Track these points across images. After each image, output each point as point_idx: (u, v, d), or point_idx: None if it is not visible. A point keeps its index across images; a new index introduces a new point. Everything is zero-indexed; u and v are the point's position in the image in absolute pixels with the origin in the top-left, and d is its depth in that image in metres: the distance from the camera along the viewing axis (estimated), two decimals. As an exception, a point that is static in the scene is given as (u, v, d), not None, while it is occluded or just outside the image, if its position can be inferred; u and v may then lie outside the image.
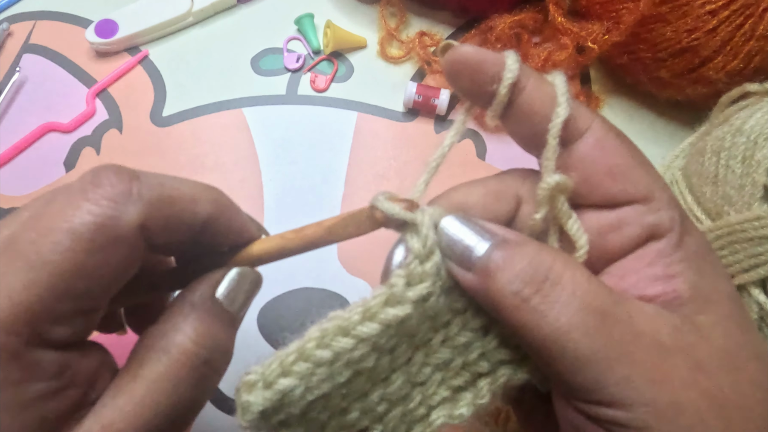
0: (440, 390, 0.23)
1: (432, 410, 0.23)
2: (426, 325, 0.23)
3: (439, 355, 0.23)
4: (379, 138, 0.44)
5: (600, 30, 0.41)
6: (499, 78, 0.21)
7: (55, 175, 0.43)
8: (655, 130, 0.46)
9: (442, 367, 0.23)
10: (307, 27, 0.47)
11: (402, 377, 0.23)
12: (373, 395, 0.23)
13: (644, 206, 0.21)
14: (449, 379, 0.23)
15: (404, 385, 0.23)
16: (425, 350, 0.23)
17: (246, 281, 0.22)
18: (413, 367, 0.23)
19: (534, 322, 0.18)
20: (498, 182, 0.23)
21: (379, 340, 0.21)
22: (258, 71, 0.47)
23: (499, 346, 0.23)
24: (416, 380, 0.23)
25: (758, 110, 0.36)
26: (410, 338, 0.23)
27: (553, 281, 0.18)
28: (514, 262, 0.19)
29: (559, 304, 0.18)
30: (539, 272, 0.19)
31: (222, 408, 0.36)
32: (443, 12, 0.49)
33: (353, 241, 0.43)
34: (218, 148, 0.44)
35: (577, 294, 0.18)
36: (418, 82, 0.45)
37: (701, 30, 0.38)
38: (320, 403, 0.21)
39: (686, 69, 0.40)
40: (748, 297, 0.32)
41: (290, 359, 0.20)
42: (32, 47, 0.47)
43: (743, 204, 0.33)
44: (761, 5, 0.37)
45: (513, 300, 0.19)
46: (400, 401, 0.23)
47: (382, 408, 0.23)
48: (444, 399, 0.23)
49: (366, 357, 0.21)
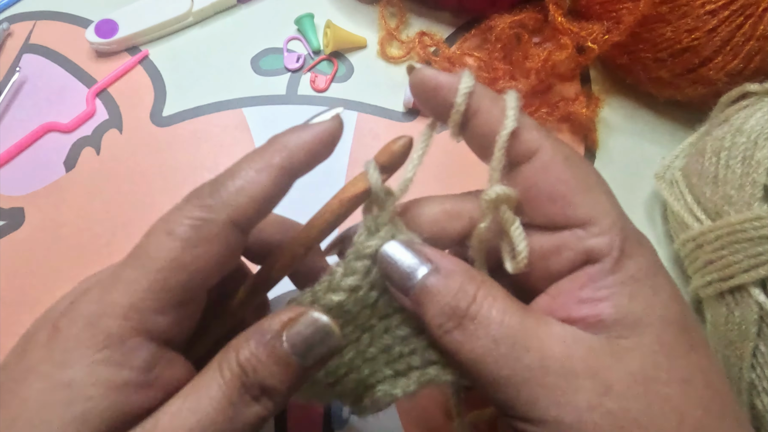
0: (385, 369, 0.26)
1: (378, 383, 0.26)
2: (367, 312, 0.25)
3: (382, 340, 0.25)
4: (379, 138, 0.44)
5: (600, 30, 0.41)
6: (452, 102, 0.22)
7: (55, 175, 0.43)
8: (655, 130, 0.46)
9: (386, 350, 0.26)
10: (307, 27, 0.47)
11: (353, 351, 0.25)
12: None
13: (583, 231, 0.22)
14: (392, 362, 0.26)
15: (356, 357, 0.26)
16: (371, 333, 0.25)
17: (318, 334, 0.21)
18: (362, 344, 0.25)
19: (455, 349, 0.21)
20: (455, 201, 0.25)
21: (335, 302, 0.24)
22: (258, 71, 0.47)
23: (429, 347, 0.24)
24: (365, 356, 0.26)
25: (758, 110, 0.36)
26: (354, 320, 0.25)
27: (470, 316, 0.21)
28: (440, 295, 0.21)
29: (474, 336, 0.20)
30: (460, 307, 0.21)
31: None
32: (443, 12, 0.49)
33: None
34: (218, 148, 0.44)
35: (491, 326, 0.20)
36: (418, 82, 0.45)
37: (701, 30, 0.38)
38: None
39: (686, 69, 0.40)
40: (748, 297, 0.32)
41: None
42: (32, 47, 0.47)
43: (743, 204, 0.33)
44: (761, 5, 0.37)
45: (438, 330, 0.21)
46: (354, 370, 0.26)
47: (342, 371, 0.25)
48: (386, 377, 0.26)
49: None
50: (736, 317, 0.33)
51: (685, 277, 0.39)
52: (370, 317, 0.25)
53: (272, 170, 0.22)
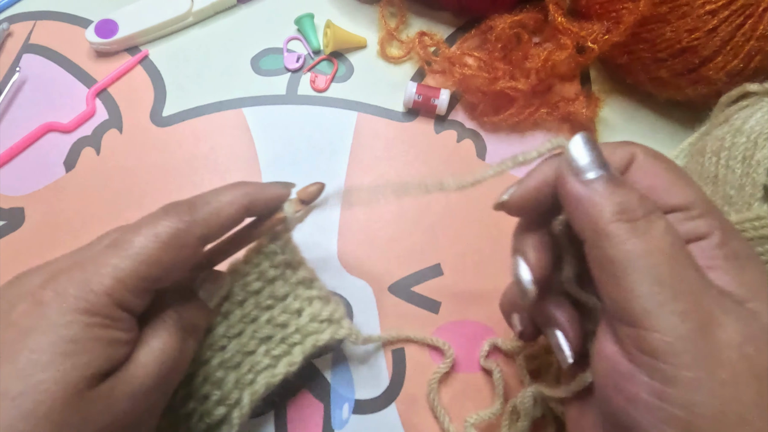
0: (264, 359, 0.32)
1: (258, 375, 0.32)
2: (252, 301, 0.32)
3: (264, 331, 0.32)
4: (379, 138, 0.44)
5: (600, 30, 0.41)
6: None
7: (55, 175, 0.43)
8: (655, 130, 0.46)
9: (266, 340, 0.32)
10: (307, 27, 0.47)
11: (235, 347, 0.32)
12: (213, 362, 0.31)
13: (683, 214, 0.23)
14: (271, 350, 0.32)
15: (237, 354, 0.32)
16: (254, 326, 0.32)
17: (217, 282, 0.31)
18: (244, 338, 0.32)
19: (623, 239, 0.21)
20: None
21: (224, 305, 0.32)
22: (258, 71, 0.47)
23: (310, 321, 0.33)
24: (246, 350, 0.32)
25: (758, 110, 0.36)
26: (241, 309, 0.32)
27: (647, 219, 0.22)
28: (624, 190, 0.22)
29: (647, 235, 0.21)
30: (645, 206, 0.22)
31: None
32: (443, 12, 0.49)
33: (353, 241, 0.43)
34: (218, 148, 0.44)
35: (663, 237, 0.21)
36: (418, 82, 0.45)
37: (701, 30, 0.38)
38: None
39: (686, 69, 0.40)
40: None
41: None
42: (32, 47, 0.48)
43: (743, 204, 0.33)
44: (761, 5, 0.37)
45: (612, 216, 0.22)
46: (233, 368, 0.32)
47: (221, 374, 0.31)
48: (267, 365, 0.32)
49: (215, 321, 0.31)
50: (736, 317, 0.33)
51: (685, 277, 0.39)
52: (253, 307, 0.32)
53: (239, 206, 0.28)
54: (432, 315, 0.39)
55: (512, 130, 0.45)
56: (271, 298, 0.33)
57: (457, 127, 0.45)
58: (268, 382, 0.32)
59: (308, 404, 0.36)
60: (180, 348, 0.27)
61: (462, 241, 0.41)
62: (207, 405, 0.31)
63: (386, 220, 0.41)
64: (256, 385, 0.32)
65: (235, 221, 0.29)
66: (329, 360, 0.37)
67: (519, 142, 0.44)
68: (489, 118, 0.44)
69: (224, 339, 0.32)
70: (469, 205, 0.42)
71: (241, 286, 0.32)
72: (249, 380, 0.32)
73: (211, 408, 0.31)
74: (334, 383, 0.37)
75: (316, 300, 0.34)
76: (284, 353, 0.33)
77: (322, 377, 0.37)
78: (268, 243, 0.32)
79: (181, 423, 0.30)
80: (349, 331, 0.34)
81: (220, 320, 0.32)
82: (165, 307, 0.27)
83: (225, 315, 0.32)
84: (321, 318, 0.34)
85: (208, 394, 0.31)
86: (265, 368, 0.32)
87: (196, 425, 0.31)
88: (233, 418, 0.31)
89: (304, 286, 0.34)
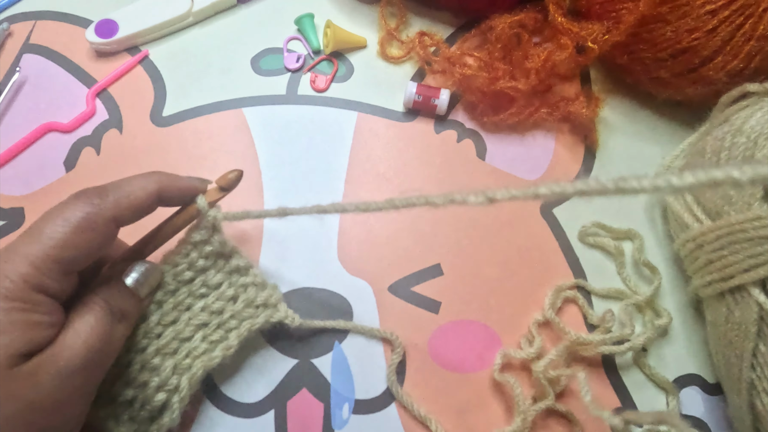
0: (202, 344, 0.33)
1: (196, 360, 0.33)
2: (184, 290, 0.34)
3: (200, 317, 0.34)
4: (379, 138, 0.44)
5: (600, 30, 0.41)
6: None
7: (55, 175, 0.43)
8: (655, 130, 0.46)
9: (202, 327, 0.34)
10: (307, 27, 0.47)
11: (171, 334, 0.33)
12: (149, 349, 0.32)
13: None
14: (209, 336, 0.34)
15: (173, 340, 0.33)
16: (189, 314, 0.34)
17: (147, 272, 0.32)
18: (180, 325, 0.33)
19: None
20: None
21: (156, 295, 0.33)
22: (258, 71, 0.47)
23: (245, 307, 0.35)
24: (183, 336, 0.33)
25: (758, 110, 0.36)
26: (174, 298, 0.34)
27: None
28: None
29: None
30: None
31: (222, 408, 0.36)
32: (443, 12, 0.49)
33: (353, 241, 0.43)
34: (218, 148, 0.44)
35: None
36: (418, 82, 0.45)
37: (701, 30, 0.38)
38: None
39: (686, 69, 0.40)
40: (748, 297, 0.32)
41: None
42: (32, 47, 0.47)
43: (743, 204, 0.33)
44: (761, 5, 0.37)
45: None
46: (171, 355, 0.33)
47: (158, 360, 0.32)
48: (205, 350, 0.33)
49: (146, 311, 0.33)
50: (736, 317, 0.33)
51: (685, 277, 0.39)
52: (187, 296, 0.34)
53: (149, 192, 0.30)
54: (432, 315, 0.39)
55: (512, 130, 0.45)
56: (204, 287, 0.35)
57: (457, 127, 0.45)
58: (206, 365, 0.33)
59: (308, 404, 0.36)
60: (108, 332, 0.28)
61: (462, 241, 0.41)
62: (146, 392, 0.32)
63: (386, 220, 0.41)
64: (193, 369, 0.33)
65: (147, 206, 0.30)
66: (329, 360, 0.37)
67: (519, 142, 0.44)
68: (489, 118, 0.44)
69: (159, 327, 0.33)
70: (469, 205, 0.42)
71: (173, 275, 0.34)
72: (187, 365, 0.33)
73: (150, 395, 0.32)
74: (334, 383, 0.37)
75: (251, 286, 0.35)
76: (221, 338, 0.34)
77: (322, 377, 0.37)
78: (195, 234, 0.34)
79: (122, 411, 0.32)
80: (285, 314, 0.36)
81: (154, 309, 0.33)
82: (94, 295, 0.29)
83: (159, 304, 0.33)
84: (256, 303, 0.35)
85: (146, 381, 0.32)
86: (203, 353, 0.33)
87: (138, 413, 0.32)
88: (173, 404, 0.32)
89: (239, 273, 0.35)
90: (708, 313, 0.36)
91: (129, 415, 0.32)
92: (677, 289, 0.40)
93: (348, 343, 0.38)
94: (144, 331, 0.33)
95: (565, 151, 0.45)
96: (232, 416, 0.36)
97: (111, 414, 0.31)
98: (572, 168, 0.44)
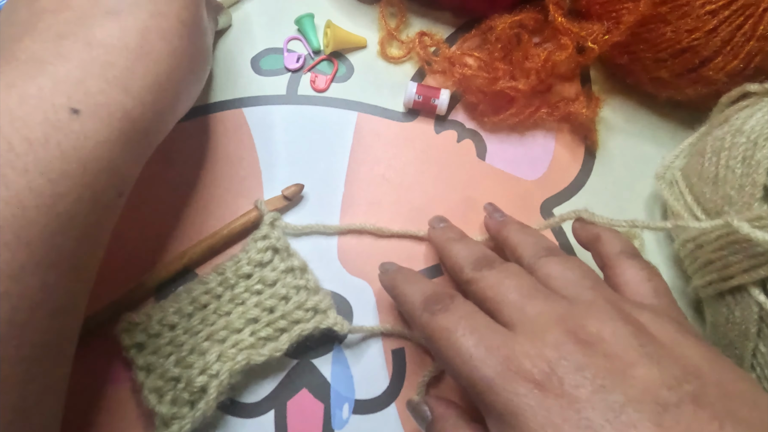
0: (249, 338, 0.35)
1: (241, 351, 0.34)
2: (242, 285, 0.36)
3: (252, 312, 0.35)
4: (379, 138, 0.44)
5: (600, 30, 0.41)
6: None
7: (55, 175, 0.43)
8: (655, 130, 0.46)
9: (253, 322, 0.35)
10: (307, 27, 0.47)
11: (223, 323, 0.35)
12: (201, 333, 0.35)
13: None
14: (257, 331, 0.35)
15: (223, 330, 0.35)
16: (242, 308, 0.35)
17: None
18: (232, 316, 0.35)
19: None
20: None
21: (216, 287, 0.36)
22: (258, 71, 0.47)
23: (296, 309, 0.36)
24: (233, 327, 0.35)
25: (758, 110, 0.36)
26: (232, 291, 0.36)
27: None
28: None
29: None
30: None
31: (222, 408, 0.36)
32: (443, 12, 0.49)
33: (354, 241, 0.43)
34: (218, 148, 0.44)
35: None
36: (418, 82, 0.45)
37: (701, 30, 0.38)
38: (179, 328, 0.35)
39: (686, 69, 0.40)
40: (748, 297, 0.32)
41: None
42: (32, 47, 0.47)
43: (743, 204, 0.33)
44: (761, 5, 0.37)
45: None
46: (219, 342, 0.34)
47: (206, 345, 0.34)
48: (251, 344, 0.34)
49: (206, 299, 0.36)
50: (736, 317, 0.33)
51: (685, 277, 0.39)
52: (243, 290, 0.36)
53: None
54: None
55: (512, 130, 0.45)
56: (261, 283, 0.36)
57: (457, 127, 0.45)
58: (250, 359, 0.34)
59: (308, 404, 0.36)
60: None
61: (462, 241, 0.41)
62: (191, 372, 0.33)
63: (386, 220, 0.41)
64: (236, 359, 0.34)
65: None
66: (329, 360, 0.37)
67: (519, 142, 0.44)
68: (489, 118, 0.44)
69: (215, 315, 0.35)
70: (469, 205, 0.42)
71: (233, 270, 0.36)
72: (231, 355, 0.34)
73: (193, 376, 0.33)
74: (334, 383, 0.37)
75: (303, 290, 0.36)
76: (270, 337, 0.35)
77: (322, 377, 0.37)
78: (255, 231, 0.37)
79: (167, 389, 0.33)
80: (335, 321, 0.36)
81: (213, 300, 0.36)
82: None
83: (218, 296, 0.36)
84: (306, 306, 0.36)
85: (193, 362, 0.34)
86: (249, 346, 0.34)
87: (180, 394, 0.33)
88: (210, 388, 0.33)
89: (293, 275, 0.37)
90: (708, 313, 0.36)
91: (172, 396, 0.33)
92: (677, 289, 0.40)
93: (348, 343, 0.38)
94: (201, 318, 0.35)
95: (565, 151, 0.45)
96: (232, 416, 0.36)
97: (156, 388, 0.33)
98: (572, 168, 0.44)
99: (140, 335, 0.34)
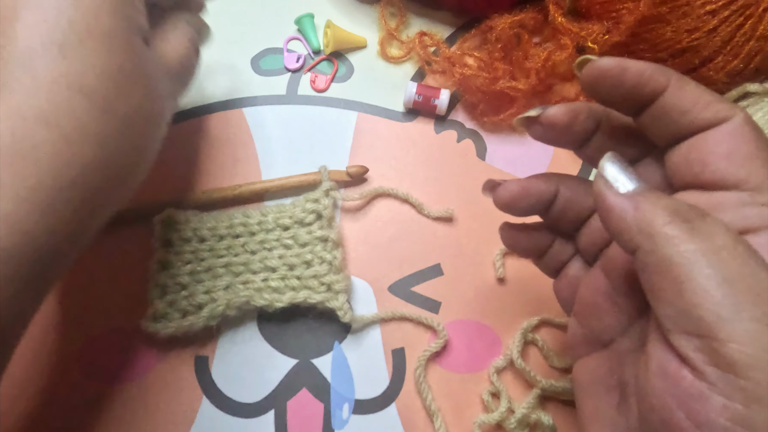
0: (260, 282, 0.36)
1: (247, 289, 0.36)
2: (276, 233, 0.38)
3: (272, 262, 0.37)
4: (379, 138, 0.44)
5: (600, 30, 0.41)
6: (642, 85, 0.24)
7: (55, 175, 0.43)
8: (655, 130, 0.46)
9: (270, 270, 0.37)
10: (307, 27, 0.47)
11: (244, 259, 0.37)
12: (221, 260, 0.37)
13: (748, 195, 0.21)
14: (269, 280, 0.36)
15: (241, 265, 0.37)
16: (267, 254, 0.37)
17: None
18: (255, 256, 0.37)
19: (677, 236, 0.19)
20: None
21: (254, 225, 0.38)
22: (258, 71, 0.47)
23: (312, 277, 0.36)
24: (250, 267, 0.37)
25: (758, 110, 0.36)
26: (265, 235, 0.38)
27: (708, 219, 0.20)
28: (669, 197, 0.21)
29: (708, 234, 0.19)
30: (696, 209, 0.20)
31: (222, 408, 0.36)
32: (443, 12, 0.49)
33: (354, 241, 0.43)
34: (218, 148, 0.44)
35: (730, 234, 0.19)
36: (418, 82, 0.45)
37: (701, 30, 0.38)
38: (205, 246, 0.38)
39: (686, 69, 0.40)
40: None
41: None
42: (32, 47, 0.47)
43: (743, 204, 0.33)
44: (761, 5, 0.37)
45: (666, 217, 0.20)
46: (232, 274, 0.37)
47: (221, 271, 0.36)
48: (258, 288, 0.36)
49: (241, 230, 0.38)
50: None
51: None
52: (276, 239, 0.38)
53: None
54: (432, 315, 0.39)
55: (512, 130, 0.45)
56: (293, 240, 0.37)
57: (457, 127, 0.45)
58: (251, 299, 0.35)
59: (308, 404, 0.36)
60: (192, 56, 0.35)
61: (462, 241, 0.41)
62: (197, 288, 0.36)
63: (386, 220, 0.41)
64: (240, 294, 0.35)
65: None
66: (329, 360, 0.37)
67: (519, 142, 0.44)
68: (489, 118, 0.44)
69: (241, 249, 0.37)
70: (469, 205, 0.42)
71: (276, 217, 0.38)
72: (237, 290, 0.36)
73: (197, 292, 0.35)
74: (334, 383, 0.37)
75: (326, 263, 0.37)
76: (277, 289, 0.36)
77: (322, 377, 0.37)
78: (313, 194, 0.39)
79: (171, 291, 0.36)
80: (341, 307, 0.36)
81: (247, 234, 0.38)
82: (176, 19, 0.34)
83: (252, 233, 0.38)
84: (323, 280, 0.36)
85: (203, 280, 0.36)
86: (256, 289, 0.36)
87: (181, 300, 0.35)
88: (204, 309, 0.35)
89: (324, 246, 0.37)
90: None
91: (172, 298, 0.35)
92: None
93: (348, 343, 0.38)
94: (228, 245, 0.37)
95: (564, 151, 0.44)
96: (232, 416, 0.36)
97: (163, 285, 0.36)
98: (572, 168, 0.44)
99: (173, 233, 0.37)
